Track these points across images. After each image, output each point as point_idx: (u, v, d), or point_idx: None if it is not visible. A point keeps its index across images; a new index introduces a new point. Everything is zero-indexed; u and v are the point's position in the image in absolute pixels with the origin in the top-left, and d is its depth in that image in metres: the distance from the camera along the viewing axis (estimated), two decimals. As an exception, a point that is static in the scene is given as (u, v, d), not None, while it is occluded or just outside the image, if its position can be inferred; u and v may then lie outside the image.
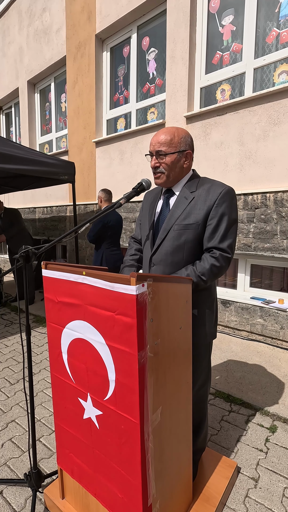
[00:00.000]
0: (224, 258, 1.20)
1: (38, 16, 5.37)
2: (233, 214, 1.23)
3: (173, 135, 1.23)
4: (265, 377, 2.31)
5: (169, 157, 1.24)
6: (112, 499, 1.05)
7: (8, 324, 3.66)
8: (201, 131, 3.34)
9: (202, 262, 1.20)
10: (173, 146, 1.23)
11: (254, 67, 3.04)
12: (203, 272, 1.18)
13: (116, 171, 4.30)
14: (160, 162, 1.25)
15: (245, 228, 3.02)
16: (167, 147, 1.23)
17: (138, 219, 1.53)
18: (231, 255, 1.21)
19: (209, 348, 1.39)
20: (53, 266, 1.12)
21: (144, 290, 0.86)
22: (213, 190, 1.23)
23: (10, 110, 6.90)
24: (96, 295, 0.95)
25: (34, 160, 3.36)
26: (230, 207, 1.22)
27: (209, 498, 1.29)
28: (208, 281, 1.20)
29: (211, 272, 1.19)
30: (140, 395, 0.89)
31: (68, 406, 1.17)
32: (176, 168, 1.26)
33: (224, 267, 1.21)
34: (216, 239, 1.20)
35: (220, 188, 1.23)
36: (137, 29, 4.02)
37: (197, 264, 1.21)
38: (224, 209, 1.20)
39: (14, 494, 1.42)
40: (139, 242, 1.54)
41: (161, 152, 1.23)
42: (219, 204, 1.20)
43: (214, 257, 1.19)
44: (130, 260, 1.50)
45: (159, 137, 1.24)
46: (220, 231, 1.20)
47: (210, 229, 1.21)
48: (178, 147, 1.24)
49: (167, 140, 1.23)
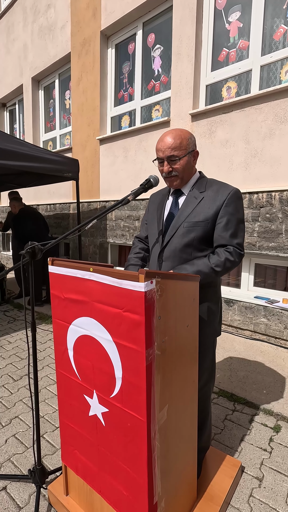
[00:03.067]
0: (237, 254, 1.24)
1: (43, 13, 5.34)
2: (241, 215, 1.29)
3: (181, 138, 1.26)
4: (269, 377, 2.30)
5: (182, 160, 1.27)
6: (117, 496, 1.05)
7: (11, 321, 3.67)
8: (206, 129, 3.32)
9: (216, 255, 1.24)
10: (183, 149, 1.26)
11: (260, 64, 3.01)
12: (217, 264, 1.21)
13: (120, 168, 4.29)
14: (173, 167, 1.28)
15: (250, 227, 3.00)
16: (178, 151, 1.26)
17: (144, 219, 1.56)
18: (243, 252, 1.26)
19: (213, 345, 1.41)
20: (59, 262, 1.12)
21: (152, 287, 0.85)
22: (222, 190, 1.28)
23: (14, 107, 6.89)
24: (104, 292, 0.94)
25: (38, 157, 3.35)
26: (238, 208, 1.28)
27: (213, 497, 1.28)
28: (219, 274, 1.23)
29: (224, 265, 1.21)
30: (147, 393, 0.88)
31: (73, 403, 1.17)
32: (188, 169, 1.31)
33: (237, 262, 1.24)
34: (228, 236, 1.24)
35: (229, 189, 1.28)
36: (142, 25, 3.99)
37: (211, 256, 1.24)
38: (233, 209, 1.26)
39: (18, 490, 1.42)
40: (143, 242, 1.57)
41: (174, 157, 1.26)
42: (228, 204, 1.25)
43: (229, 252, 1.23)
44: (134, 258, 1.53)
45: (168, 142, 1.26)
46: (230, 229, 1.24)
47: (220, 227, 1.25)
48: (187, 148, 1.28)
49: (177, 144, 1.25)
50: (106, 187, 4.54)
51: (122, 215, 4.21)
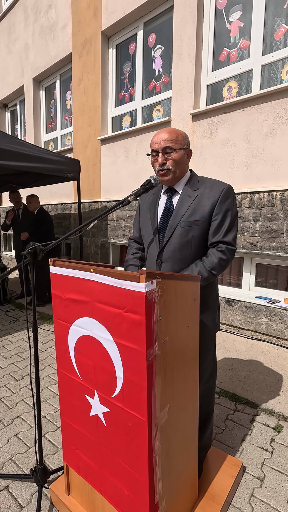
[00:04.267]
0: (230, 251, 1.26)
1: (44, 13, 5.35)
2: (235, 209, 1.31)
3: (176, 133, 1.28)
4: (270, 377, 2.30)
5: (177, 153, 1.27)
6: (118, 496, 1.05)
7: (12, 320, 3.68)
8: (207, 129, 3.32)
9: (210, 257, 1.25)
10: (179, 143, 1.27)
11: (261, 64, 3.01)
12: (213, 267, 1.23)
13: (121, 168, 4.29)
14: (167, 159, 1.27)
15: (251, 227, 3.00)
16: (174, 143, 1.26)
17: (136, 219, 1.54)
18: (235, 247, 1.28)
19: (214, 340, 1.42)
20: (60, 263, 1.12)
21: (153, 288, 0.85)
22: (215, 187, 1.29)
23: (15, 107, 6.90)
24: (104, 292, 0.95)
25: (39, 157, 3.36)
26: (232, 203, 1.29)
27: (215, 497, 1.28)
28: (217, 274, 1.26)
29: (219, 265, 1.24)
30: (148, 393, 0.88)
31: (74, 402, 1.18)
32: (182, 164, 1.31)
33: (230, 259, 1.27)
34: (221, 234, 1.26)
35: (222, 185, 1.29)
36: (143, 25, 3.99)
37: (205, 260, 1.25)
38: (227, 205, 1.27)
39: (20, 489, 1.42)
40: (138, 242, 1.56)
41: (169, 148, 1.26)
42: (222, 200, 1.26)
43: (221, 251, 1.25)
44: (132, 258, 1.53)
45: (163, 135, 1.27)
46: (225, 226, 1.26)
47: (216, 224, 1.26)
48: (182, 144, 1.28)
49: (173, 137, 1.26)
50: (107, 187, 4.54)
51: (123, 215, 4.22)
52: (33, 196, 4.23)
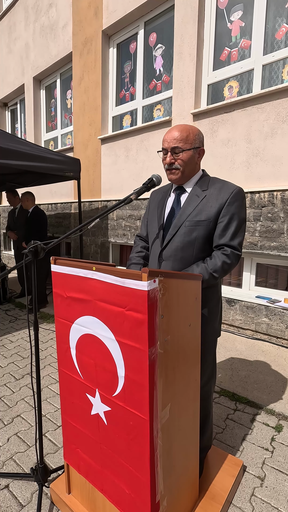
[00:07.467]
0: (234, 256, 1.22)
1: (45, 12, 5.34)
2: (243, 214, 1.26)
3: (188, 132, 1.25)
4: (270, 376, 2.30)
5: (185, 153, 1.26)
6: (119, 495, 1.05)
7: (12, 320, 3.68)
8: (208, 128, 3.31)
9: (213, 260, 1.22)
10: (188, 143, 1.25)
11: (262, 63, 3.00)
12: (215, 269, 1.20)
13: (122, 168, 4.29)
14: (176, 158, 1.26)
15: (251, 226, 3.00)
16: (184, 143, 1.25)
17: (145, 217, 1.54)
18: (241, 252, 1.24)
19: (214, 345, 1.41)
20: (62, 261, 1.12)
21: (155, 286, 0.85)
22: (225, 189, 1.26)
23: (16, 106, 6.89)
24: (106, 291, 0.95)
25: (40, 156, 3.35)
26: (241, 207, 1.25)
27: (215, 496, 1.28)
28: (219, 278, 1.22)
29: (222, 269, 1.20)
30: (150, 392, 0.88)
31: (75, 401, 1.17)
32: (191, 164, 1.29)
33: (234, 264, 1.23)
34: (227, 237, 1.22)
35: (232, 188, 1.26)
36: (144, 25, 3.99)
37: (208, 261, 1.22)
38: (235, 208, 1.24)
39: (20, 488, 1.42)
40: (144, 240, 1.55)
41: (177, 148, 1.25)
42: (230, 203, 1.23)
43: (226, 255, 1.21)
44: (136, 257, 1.52)
45: (174, 134, 1.25)
46: (231, 229, 1.22)
47: (221, 227, 1.23)
48: (193, 143, 1.26)
49: (183, 137, 1.24)
50: (107, 187, 4.54)
51: (123, 215, 4.21)
52: (27, 193, 4.08)
